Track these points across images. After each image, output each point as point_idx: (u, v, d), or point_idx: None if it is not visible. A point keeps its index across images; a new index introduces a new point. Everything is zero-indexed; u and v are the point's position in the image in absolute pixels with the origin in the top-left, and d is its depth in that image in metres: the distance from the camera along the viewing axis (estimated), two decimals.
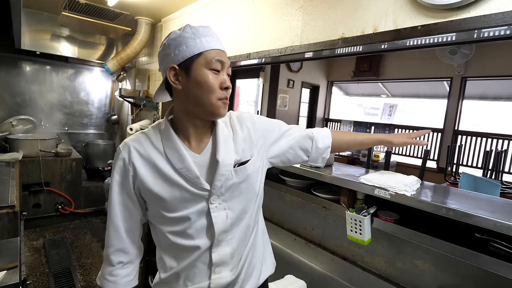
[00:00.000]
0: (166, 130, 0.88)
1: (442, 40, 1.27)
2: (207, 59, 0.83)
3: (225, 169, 0.86)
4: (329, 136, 1.11)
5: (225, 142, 0.90)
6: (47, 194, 3.44)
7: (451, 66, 4.03)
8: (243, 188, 0.91)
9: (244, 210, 0.92)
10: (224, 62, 0.86)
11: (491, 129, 4.12)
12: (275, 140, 1.03)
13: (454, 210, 0.99)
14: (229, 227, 0.89)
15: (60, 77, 4.30)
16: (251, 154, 0.94)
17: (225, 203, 0.89)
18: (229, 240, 0.89)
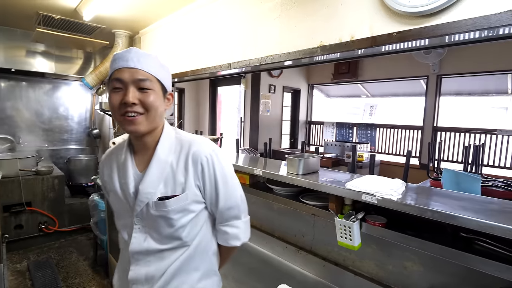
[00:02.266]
0: (124, 144, 1.00)
1: (417, 45, 1.31)
2: (111, 81, 0.89)
3: (145, 197, 0.91)
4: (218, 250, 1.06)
5: (155, 169, 0.91)
6: (29, 214, 3.31)
7: (426, 65, 4.17)
8: (161, 222, 0.91)
9: (166, 241, 0.93)
10: (122, 79, 0.85)
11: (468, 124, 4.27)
12: (216, 204, 0.96)
13: (439, 212, 1.02)
14: (146, 251, 0.94)
15: (37, 93, 4.16)
16: (183, 189, 0.91)
17: (145, 228, 0.94)
18: (147, 262, 0.94)
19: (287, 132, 5.66)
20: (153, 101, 0.87)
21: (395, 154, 4.83)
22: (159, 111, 0.90)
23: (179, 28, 2.66)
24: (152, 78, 0.88)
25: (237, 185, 1.00)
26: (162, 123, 0.96)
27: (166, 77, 0.94)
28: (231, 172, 0.98)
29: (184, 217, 0.92)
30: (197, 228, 0.96)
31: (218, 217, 0.99)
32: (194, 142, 0.94)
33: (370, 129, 5.00)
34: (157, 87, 0.89)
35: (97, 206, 2.80)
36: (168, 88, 0.95)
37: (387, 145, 4.92)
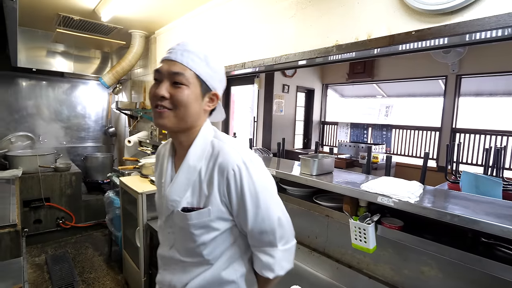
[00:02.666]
0: (169, 141, 0.96)
1: (436, 44, 1.27)
2: (154, 71, 0.86)
3: (170, 204, 0.86)
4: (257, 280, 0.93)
5: (183, 175, 0.85)
6: (47, 210, 3.42)
7: (445, 65, 4.05)
8: (184, 235, 0.86)
9: (187, 254, 0.88)
10: (160, 71, 0.82)
11: (488, 126, 4.11)
12: (245, 225, 0.83)
13: (459, 216, 0.98)
14: (170, 258, 0.91)
15: (57, 92, 4.30)
16: (206, 203, 0.83)
17: (173, 235, 0.90)
18: (173, 270, 0.91)
19: (300, 132, 5.62)
20: (183, 97, 0.79)
21: (411, 156, 4.71)
22: (192, 110, 0.81)
23: (193, 28, 2.68)
24: (189, 73, 0.80)
25: (274, 205, 0.84)
26: (199, 124, 0.87)
27: (211, 74, 0.84)
28: (266, 189, 0.83)
29: (206, 234, 0.83)
30: (223, 247, 0.86)
31: (250, 239, 0.87)
32: (223, 149, 0.82)
33: (385, 130, 4.89)
34: (194, 84, 0.81)
35: (112, 203, 2.86)
36: (212, 87, 0.85)
37: (403, 147, 4.81)
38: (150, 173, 2.54)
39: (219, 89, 0.88)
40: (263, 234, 0.83)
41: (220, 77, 0.88)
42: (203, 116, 0.88)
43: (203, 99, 0.85)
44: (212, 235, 0.84)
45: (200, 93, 0.83)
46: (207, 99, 0.86)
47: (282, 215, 0.85)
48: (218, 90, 0.88)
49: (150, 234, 2.15)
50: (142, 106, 3.70)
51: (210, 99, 0.87)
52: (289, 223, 0.88)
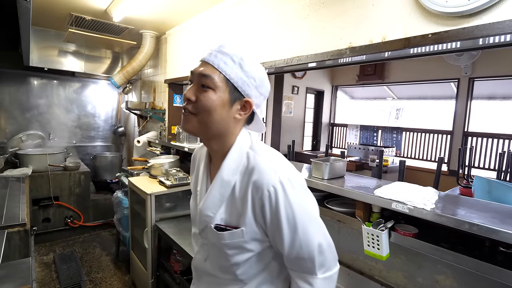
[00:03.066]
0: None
1: (454, 47, 1.24)
2: None
3: (204, 219, 0.82)
4: None
5: (216, 190, 0.79)
6: (56, 208, 3.46)
7: (457, 67, 3.98)
8: (217, 252, 0.82)
9: (220, 271, 0.84)
10: (193, 72, 0.78)
11: (500, 130, 4.03)
12: (281, 250, 0.77)
13: (478, 225, 0.95)
14: (205, 271, 0.88)
15: (67, 91, 4.35)
16: (239, 223, 0.77)
17: (207, 247, 0.86)
18: (207, 283, 0.90)
19: (309, 134, 5.59)
20: (207, 102, 0.73)
21: (421, 159, 4.64)
22: (216, 116, 0.75)
23: (204, 29, 2.68)
24: (217, 75, 0.74)
25: (314, 231, 0.76)
26: (231, 133, 0.79)
27: (244, 79, 0.75)
28: (307, 213, 0.75)
29: (239, 255, 0.78)
30: (258, 267, 0.81)
31: (287, 263, 0.80)
32: (258, 166, 0.74)
33: (395, 133, 4.83)
34: (222, 88, 0.74)
35: (120, 203, 2.87)
36: (246, 93, 0.76)
37: (413, 150, 4.74)
38: (159, 174, 2.54)
39: (254, 97, 0.78)
40: (300, 261, 0.76)
41: (257, 83, 0.78)
42: (234, 125, 0.79)
43: (232, 106, 0.76)
44: (246, 256, 0.79)
45: (229, 99, 0.75)
46: (238, 106, 0.77)
47: (324, 240, 0.77)
48: (254, 98, 0.78)
49: (158, 236, 2.15)
50: (151, 106, 3.72)
51: (243, 106, 0.78)
52: (331, 249, 0.80)
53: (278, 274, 0.85)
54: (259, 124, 0.86)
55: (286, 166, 0.78)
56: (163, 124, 3.50)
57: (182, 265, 1.99)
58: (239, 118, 0.79)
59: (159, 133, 3.54)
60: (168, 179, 2.39)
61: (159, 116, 3.55)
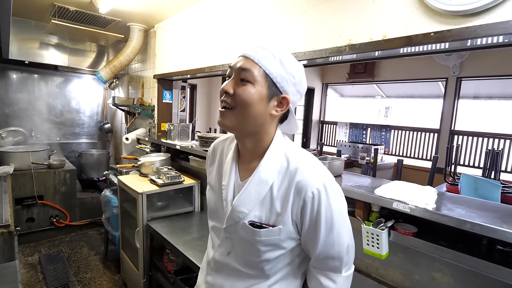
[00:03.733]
0: (234, 141, 0.90)
1: (456, 46, 1.24)
2: None
3: (237, 215, 0.81)
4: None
5: (254, 188, 0.79)
6: (40, 208, 3.33)
7: (445, 67, 4.06)
8: (247, 247, 0.83)
9: (246, 266, 0.85)
10: (232, 66, 0.79)
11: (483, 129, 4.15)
12: (313, 249, 0.81)
13: (480, 225, 0.96)
14: (226, 265, 0.88)
15: (50, 86, 4.17)
16: (277, 222, 0.78)
17: (232, 242, 0.87)
18: (226, 275, 0.89)
19: (299, 131, 5.60)
20: (245, 95, 0.74)
21: (409, 157, 4.73)
22: (254, 111, 0.75)
23: (195, 23, 2.61)
24: (258, 70, 0.74)
25: (346, 233, 0.80)
26: (266, 130, 0.80)
27: (283, 75, 0.76)
28: (342, 216, 0.79)
29: (272, 252, 0.80)
30: (284, 263, 0.84)
31: (314, 261, 0.83)
32: (302, 168, 0.77)
33: (384, 131, 4.90)
34: (261, 82, 0.75)
35: (109, 202, 2.79)
36: (283, 89, 0.77)
37: (402, 148, 4.83)
38: (150, 172, 2.47)
39: (292, 94, 0.79)
40: (329, 260, 0.80)
41: (295, 80, 0.79)
42: (269, 122, 0.80)
43: (269, 101, 0.77)
44: (278, 253, 0.81)
45: (267, 94, 0.76)
46: (275, 103, 0.78)
47: (351, 241, 0.83)
48: (291, 95, 0.79)
49: (150, 235, 2.10)
50: (140, 103, 3.61)
51: (280, 103, 0.78)
52: (353, 250, 0.85)
53: (298, 268, 0.88)
54: (293, 124, 0.87)
55: (326, 170, 0.82)
56: (152, 121, 3.41)
57: (176, 265, 1.95)
58: (275, 115, 0.80)
59: (148, 130, 3.45)
60: (159, 177, 2.33)
61: (148, 112, 3.45)
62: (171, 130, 2.76)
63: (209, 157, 1.01)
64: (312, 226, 0.77)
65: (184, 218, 2.25)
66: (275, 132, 0.83)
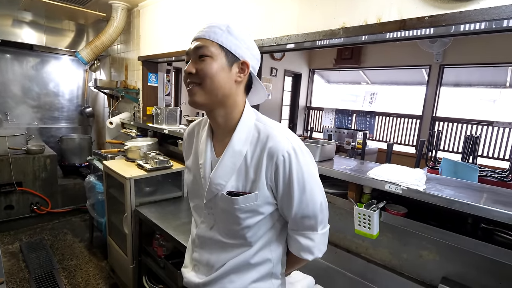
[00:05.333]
0: (207, 121, 0.93)
1: (450, 31, 1.26)
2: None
3: (215, 187, 0.85)
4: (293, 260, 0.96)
5: (229, 160, 0.84)
6: (20, 195, 3.20)
7: (429, 54, 4.14)
8: (228, 217, 0.86)
9: (229, 236, 0.88)
10: (187, 51, 0.83)
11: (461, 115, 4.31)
12: (288, 210, 0.84)
13: (468, 204, 1.00)
14: (210, 239, 0.92)
15: (25, 66, 3.93)
16: (253, 188, 0.82)
17: (213, 216, 0.91)
18: (211, 250, 0.93)
19: (286, 117, 5.61)
20: (208, 68, 0.78)
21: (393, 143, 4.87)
22: (219, 79, 0.79)
23: (182, 2, 2.50)
24: (211, 44, 0.79)
25: (318, 192, 0.85)
26: (235, 100, 0.84)
27: (235, 42, 0.81)
28: (313, 176, 0.84)
29: (251, 218, 0.84)
30: (264, 229, 0.88)
31: (291, 224, 0.88)
32: (272, 135, 0.81)
33: (369, 117, 5.00)
34: (218, 54, 0.79)
35: (94, 187, 2.71)
36: (239, 55, 0.81)
37: (386, 133, 4.95)
38: (137, 157, 2.42)
39: (248, 57, 0.83)
40: (305, 219, 0.85)
41: (248, 45, 0.84)
42: (236, 90, 0.84)
43: (230, 68, 0.81)
44: (257, 219, 0.85)
45: (227, 63, 0.80)
46: (237, 69, 0.82)
47: (323, 199, 0.87)
48: (248, 58, 0.83)
49: (139, 221, 2.07)
50: (123, 85, 3.48)
51: (240, 69, 0.82)
52: (327, 208, 0.90)
53: (280, 234, 0.93)
54: (260, 90, 0.93)
55: (295, 135, 0.86)
56: (137, 105, 3.30)
57: (166, 249, 1.94)
58: (239, 81, 0.83)
59: (132, 114, 3.35)
60: (147, 162, 2.28)
61: (132, 96, 3.34)
62: (158, 114, 2.69)
63: (185, 141, 1.04)
64: (286, 188, 0.81)
65: (173, 203, 2.23)
66: (244, 105, 0.87)
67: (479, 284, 1.18)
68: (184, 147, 1.04)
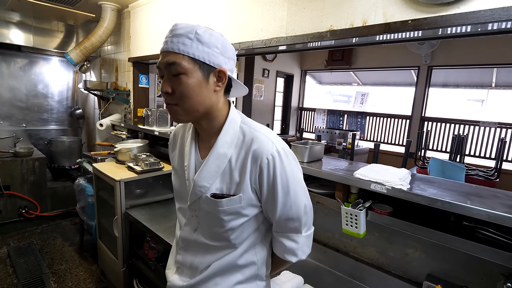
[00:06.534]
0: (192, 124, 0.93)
1: (431, 35, 1.29)
2: None
3: (198, 190, 0.85)
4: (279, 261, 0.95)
5: (213, 163, 0.83)
6: (7, 198, 3.15)
7: (418, 56, 4.22)
8: (211, 220, 0.86)
9: (213, 239, 0.88)
10: (159, 67, 0.80)
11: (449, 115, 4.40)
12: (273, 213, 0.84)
13: (449, 203, 1.03)
14: (194, 241, 0.91)
15: (12, 68, 3.87)
16: (237, 190, 0.82)
17: (197, 219, 0.90)
18: (194, 252, 0.92)
19: (278, 118, 5.63)
20: (183, 89, 0.76)
21: (383, 142, 4.93)
22: (198, 98, 0.77)
23: (173, 4, 2.50)
24: (182, 58, 0.75)
25: (302, 194, 0.85)
26: (217, 108, 0.83)
27: (208, 51, 0.76)
28: (297, 178, 0.84)
29: (235, 220, 0.84)
30: (248, 231, 0.88)
31: (275, 226, 0.88)
32: (257, 138, 0.81)
33: (360, 117, 5.05)
34: (193, 69, 0.75)
35: (84, 190, 2.69)
36: (215, 63, 0.78)
37: (376, 133, 5.01)
38: (127, 159, 2.40)
39: (224, 63, 0.80)
40: (289, 221, 0.85)
41: (220, 50, 0.79)
42: (216, 98, 0.83)
43: (208, 80, 0.79)
44: (241, 221, 0.84)
45: (203, 76, 0.78)
46: (214, 79, 0.80)
47: (308, 202, 0.87)
48: (224, 65, 0.80)
49: (130, 223, 2.06)
50: (114, 87, 3.46)
51: (218, 77, 0.80)
52: (311, 210, 0.90)
53: (265, 237, 0.93)
54: (240, 87, 0.91)
55: (279, 138, 0.86)
56: (127, 107, 3.28)
57: (157, 252, 1.94)
58: (219, 90, 0.82)
59: (123, 115, 3.33)
60: (137, 164, 2.27)
61: (123, 97, 3.32)
62: (148, 115, 2.68)
63: (171, 143, 1.04)
64: (270, 191, 0.81)
65: (164, 205, 2.23)
66: (228, 108, 0.87)
67: (462, 280, 1.22)
68: (170, 148, 1.04)
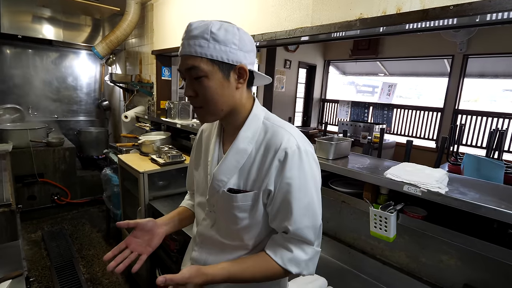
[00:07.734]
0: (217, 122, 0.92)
1: (472, 22, 1.16)
2: None
3: (217, 184, 0.84)
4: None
5: (232, 157, 0.82)
6: (41, 186, 3.32)
7: (452, 44, 3.92)
8: (227, 216, 0.85)
9: (228, 236, 0.87)
10: (180, 71, 0.79)
11: (488, 107, 4.09)
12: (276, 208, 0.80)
13: (496, 210, 0.93)
14: (210, 238, 0.90)
15: (45, 61, 4.03)
16: (254, 187, 0.81)
17: (215, 214, 0.90)
18: (210, 250, 0.91)
19: (300, 110, 5.51)
20: (207, 93, 0.76)
21: (411, 136, 4.70)
22: (222, 99, 0.77)
23: None
24: (201, 61, 0.73)
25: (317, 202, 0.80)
26: (241, 103, 0.81)
27: (225, 49, 0.74)
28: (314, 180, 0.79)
29: (248, 219, 0.82)
30: (263, 234, 0.85)
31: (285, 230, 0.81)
32: (277, 133, 0.79)
33: (386, 109, 4.83)
34: (211, 70, 0.74)
35: (110, 180, 2.77)
36: (234, 61, 0.75)
37: (404, 127, 4.78)
38: (150, 151, 2.44)
39: (244, 58, 0.77)
40: (304, 229, 0.79)
41: (238, 45, 0.76)
42: (239, 94, 0.81)
43: (229, 80, 0.77)
44: (254, 220, 0.83)
45: (223, 76, 0.76)
46: (235, 77, 0.78)
47: (320, 215, 0.82)
48: (244, 59, 0.77)
49: (152, 215, 2.09)
50: (138, 79, 3.51)
51: (239, 74, 0.78)
52: (321, 226, 0.84)
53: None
54: (263, 77, 0.89)
55: (304, 137, 0.83)
56: (151, 99, 3.32)
57: (178, 244, 1.96)
58: (240, 86, 0.81)
59: (147, 108, 3.38)
60: (160, 156, 2.29)
61: (146, 90, 3.36)
62: (171, 108, 2.69)
63: (197, 139, 1.03)
64: (282, 189, 0.77)
65: None
66: (252, 102, 0.85)
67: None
68: (195, 144, 1.03)
